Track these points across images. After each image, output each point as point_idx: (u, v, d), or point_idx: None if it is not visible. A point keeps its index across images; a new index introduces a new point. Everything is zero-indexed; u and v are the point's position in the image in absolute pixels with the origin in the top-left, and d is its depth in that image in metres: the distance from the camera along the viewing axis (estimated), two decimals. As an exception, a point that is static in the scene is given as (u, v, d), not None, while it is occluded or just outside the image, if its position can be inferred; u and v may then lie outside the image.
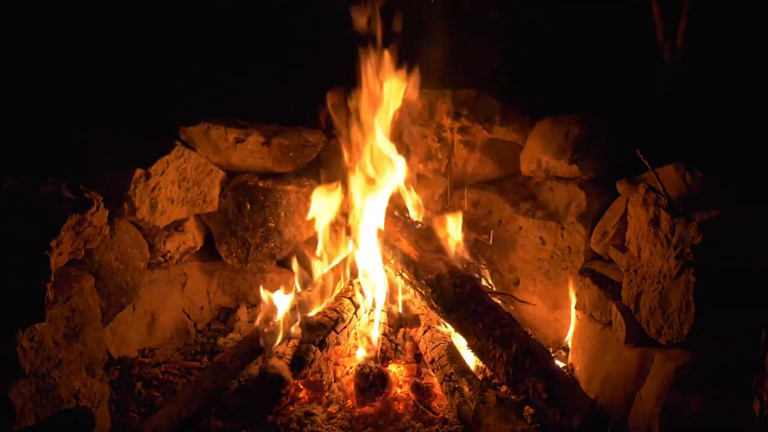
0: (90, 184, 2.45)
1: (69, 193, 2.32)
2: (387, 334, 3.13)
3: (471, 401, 2.60)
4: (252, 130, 3.50)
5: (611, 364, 2.66)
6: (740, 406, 1.98)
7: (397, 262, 3.20)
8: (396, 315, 3.24)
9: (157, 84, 3.43)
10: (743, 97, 2.85)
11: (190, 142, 3.36)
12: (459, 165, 3.74)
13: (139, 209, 2.96)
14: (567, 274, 3.28)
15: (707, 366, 2.22)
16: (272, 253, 3.70)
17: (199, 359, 3.28)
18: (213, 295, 3.82)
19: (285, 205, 3.68)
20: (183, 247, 3.45)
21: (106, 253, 2.84)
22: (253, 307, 3.84)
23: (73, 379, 2.37)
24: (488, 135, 3.62)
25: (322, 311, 3.08)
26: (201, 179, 3.39)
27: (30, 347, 2.14)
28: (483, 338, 2.64)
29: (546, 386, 2.36)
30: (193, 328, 3.62)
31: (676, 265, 2.28)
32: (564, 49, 3.55)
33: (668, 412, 2.16)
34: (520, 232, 3.52)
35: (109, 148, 3.05)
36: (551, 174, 3.41)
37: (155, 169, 3.02)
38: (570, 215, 3.25)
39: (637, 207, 2.54)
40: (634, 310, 2.54)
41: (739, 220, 2.23)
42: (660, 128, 2.99)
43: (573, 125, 3.24)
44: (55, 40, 3.28)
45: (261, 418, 2.72)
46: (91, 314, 2.54)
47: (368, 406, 2.82)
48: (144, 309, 3.33)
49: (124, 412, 2.74)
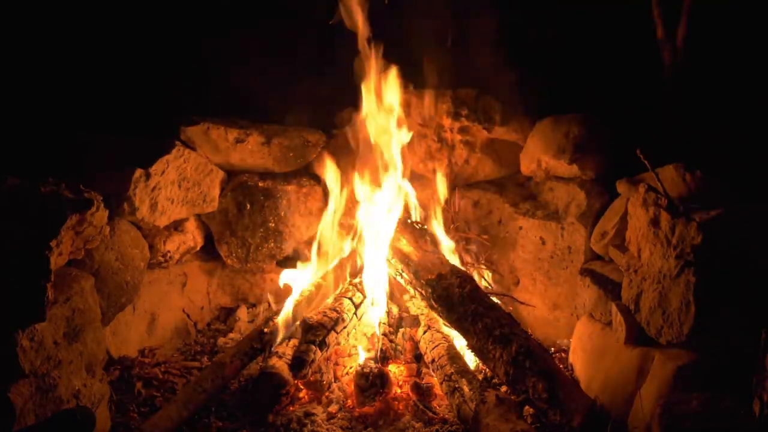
0: (90, 184, 2.45)
1: (69, 193, 2.32)
2: (387, 334, 3.14)
3: (471, 401, 2.60)
4: (252, 130, 3.50)
5: (611, 364, 2.65)
6: (740, 406, 1.98)
7: (397, 262, 3.20)
8: (396, 315, 3.24)
9: (157, 84, 3.43)
10: (743, 97, 2.85)
11: (190, 142, 3.36)
12: (459, 165, 3.75)
13: (139, 209, 2.96)
14: (567, 274, 3.29)
15: (707, 366, 2.22)
16: (272, 253, 3.70)
17: (199, 359, 3.28)
18: (213, 295, 3.82)
19: (285, 205, 3.68)
20: (183, 247, 3.45)
21: (106, 253, 2.84)
22: (253, 307, 3.85)
23: (73, 379, 2.37)
24: (488, 135, 3.62)
25: (322, 311, 3.08)
26: (201, 179, 3.39)
27: (30, 347, 2.14)
28: (483, 338, 2.64)
29: (546, 386, 2.36)
30: (193, 328, 3.62)
31: (676, 265, 2.28)
32: (564, 49, 3.55)
33: (668, 412, 2.16)
34: (520, 232, 3.52)
35: (109, 148, 3.05)
36: (551, 174, 3.41)
37: (155, 169, 3.02)
38: (570, 215, 3.25)
39: (637, 207, 2.54)
40: (634, 310, 2.54)
41: (739, 220, 2.23)
42: (660, 128, 2.99)
43: (573, 125, 3.25)
44: (55, 39, 3.28)
45: (261, 418, 2.72)
46: (91, 314, 2.54)
47: (368, 406, 2.82)
48: (144, 309, 3.33)
49: (124, 412, 2.74)
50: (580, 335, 3.07)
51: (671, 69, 3.17)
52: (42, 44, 3.25)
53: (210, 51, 3.57)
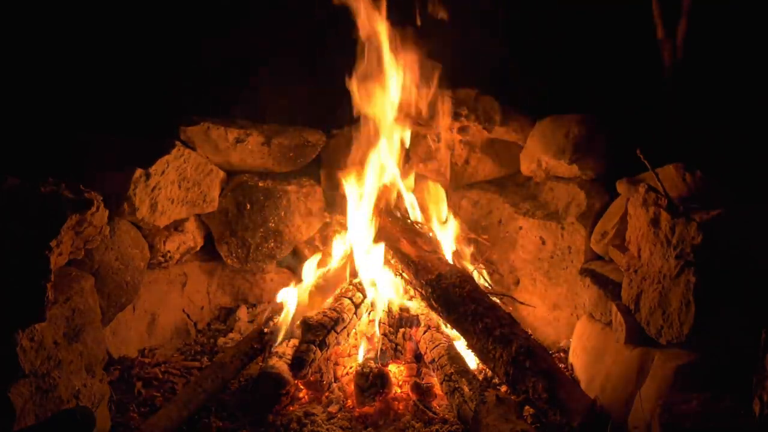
0: (90, 184, 2.45)
1: (69, 193, 2.32)
2: (387, 334, 3.13)
3: (471, 401, 2.60)
4: (252, 130, 3.50)
5: (611, 364, 2.65)
6: (740, 406, 1.97)
7: (397, 262, 3.20)
8: (396, 315, 3.24)
9: (157, 84, 3.43)
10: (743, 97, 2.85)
11: (190, 142, 3.36)
12: (459, 165, 3.75)
13: (139, 209, 2.97)
14: (567, 274, 3.29)
15: (707, 366, 2.22)
16: (272, 253, 3.70)
17: (199, 359, 3.28)
18: (213, 295, 3.82)
19: (285, 205, 3.68)
20: (183, 247, 3.45)
21: (106, 253, 2.84)
22: (253, 307, 3.85)
23: (73, 379, 2.37)
24: (488, 135, 3.62)
25: (322, 311, 3.08)
26: (201, 179, 3.39)
27: (30, 347, 2.14)
28: (483, 338, 2.64)
29: (546, 386, 2.36)
30: (193, 328, 3.62)
31: (676, 265, 2.28)
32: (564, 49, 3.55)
33: (668, 412, 2.16)
34: (520, 232, 3.52)
35: (109, 148, 3.05)
36: (551, 174, 3.41)
37: (155, 169, 3.02)
38: (570, 215, 3.25)
39: (637, 207, 2.54)
40: (634, 310, 2.54)
41: (739, 220, 2.23)
42: (660, 128, 2.99)
43: (573, 125, 3.24)
44: (56, 39, 3.28)
45: (261, 418, 2.72)
46: (91, 314, 2.54)
47: (368, 406, 2.82)
48: (144, 309, 3.33)
49: (124, 412, 2.74)
50: (580, 335, 3.07)
51: (671, 69, 3.17)
52: (42, 44, 3.26)
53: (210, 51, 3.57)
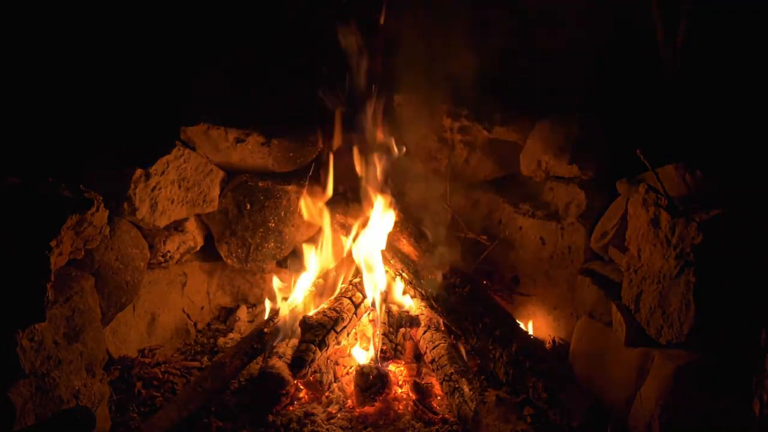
0: (90, 184, 2.45)
1: (69, 193, 2.32)
2: (387, 334, 3.14)
3: (471, 401, 2.60)
4: (252, 130, 3.49)
5: (611, 364, 2.66)
6: (740, 406, 1.98)
7: (397, 262, 3.20)
8: (396, 315, 3.24)
9: (158, 84, 3.42)
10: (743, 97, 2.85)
11: (190, 142, 3.36)
12: (459, 165, 3.75)
13: (139, 209, 2.97)
14: (567, 274, 3.28)
15: (707, 366, 2.22)
16: (272, 253, 3.70)
17: (199, 359, 3.28)
18: (213, 295, 3.82)
19: (285, 205, 3.67)
20: (183, 247, 3.45)
21: (106, 253, 2.84)
22: (253, 307, 3.84)
23: (73, 379, 2.37)
24: (488, 135, 3.61)
25: (322, 311, 3.08)
26: (201, 179, 3.39)
27: (30, 347, 2.14)
28: (483, 338, 2.64)
29: (546, 386, 2.37)
30: (193, 328, 3.62)
31: (676, 265, 2.28)
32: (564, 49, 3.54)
33: (668, 412, 2.16)
34: (520, 232, 3.52)
35: (109, 148, 3.05)
36: (551, 174, 3.41)
37: (155, 169, 3.02)
38: (570, 215, 3.25)
39: (637, 207, 2.54)
40: (634, 310, 2.54)
41: (739, 220, 2.23)
42: (660, 128, 2.99)
43: (573, 125, 3.24)
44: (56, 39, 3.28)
45: (261, 418, 2.72)
46: (91, 314, 2.54)
47: (368, 406, 2.82)
48: (144, 309, 3.33)
49: (124, 412, 2.74)
50: (580, 335, 3.07)
51: (671, 69, 3.17)
52: (42, 44, 3.25)
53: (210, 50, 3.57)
